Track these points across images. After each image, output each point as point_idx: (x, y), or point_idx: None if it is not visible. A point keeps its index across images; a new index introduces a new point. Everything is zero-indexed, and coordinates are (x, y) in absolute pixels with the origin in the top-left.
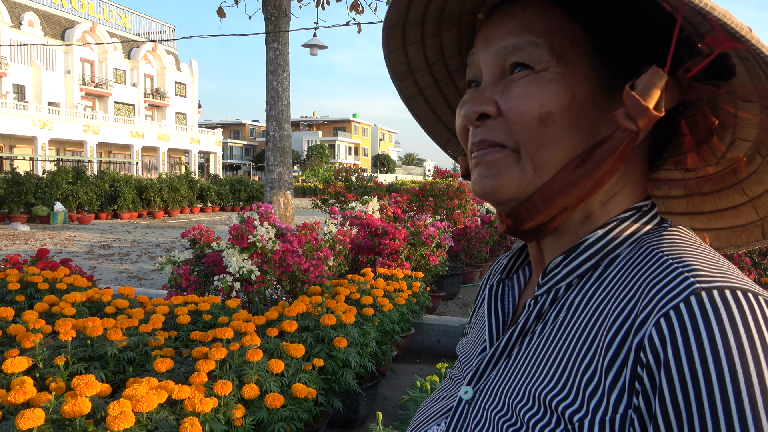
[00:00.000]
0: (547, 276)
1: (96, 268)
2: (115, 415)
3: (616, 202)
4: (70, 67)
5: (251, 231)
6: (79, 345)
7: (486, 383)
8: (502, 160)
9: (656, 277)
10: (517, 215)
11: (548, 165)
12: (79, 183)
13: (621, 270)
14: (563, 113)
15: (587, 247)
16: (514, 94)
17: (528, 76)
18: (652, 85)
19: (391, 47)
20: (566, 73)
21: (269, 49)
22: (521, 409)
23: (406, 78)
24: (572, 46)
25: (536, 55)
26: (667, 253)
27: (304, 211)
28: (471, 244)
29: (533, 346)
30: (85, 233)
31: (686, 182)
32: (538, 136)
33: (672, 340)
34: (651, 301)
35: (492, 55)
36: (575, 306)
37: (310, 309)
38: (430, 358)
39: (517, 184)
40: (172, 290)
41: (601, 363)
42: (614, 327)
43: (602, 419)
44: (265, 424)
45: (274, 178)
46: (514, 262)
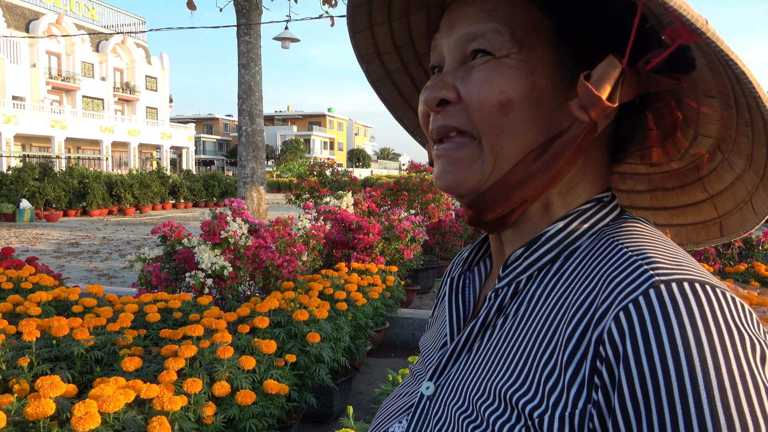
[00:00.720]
0: (507, 269)
1: (64, 267)
2: (80, 415)
3: (576, 194)
4: (35, 60)
5: (224, 227)
6: (44, 345)
7: (447, 379)
8: (463, 155)
9: (615, 269)
10: (478, 207)
11: (508, 155)
12: (46, 179)
13: (581, 262)
14: (523, 101)
15: (547, 239)
16: (474, 80)
17: (489, 62)
18: (606, 75)
19: (356, 27)
20: (527, 59)
21: (241, 43)
22: (482, 406)
23: (374, 60)
24: (535, 33)
25: (497, 41)
26: (626, 245)
27: (279, 206)
28: (445, 238)
29: (494, 341)
30: (53, 231)
31: (651, 177)
32: (498, 125)
33: (631, 334)
34: (610, 294)
35: (454, 41)
36: (535, 299)
37: (282, 305)
38: (404, 352)
39: (479, 177)
40: (142, 288)
41: (560, 357)
42: (574, 320)
43: (561, 415)
44: (236, 421)
45: (247, 174)
46: (475, 254)
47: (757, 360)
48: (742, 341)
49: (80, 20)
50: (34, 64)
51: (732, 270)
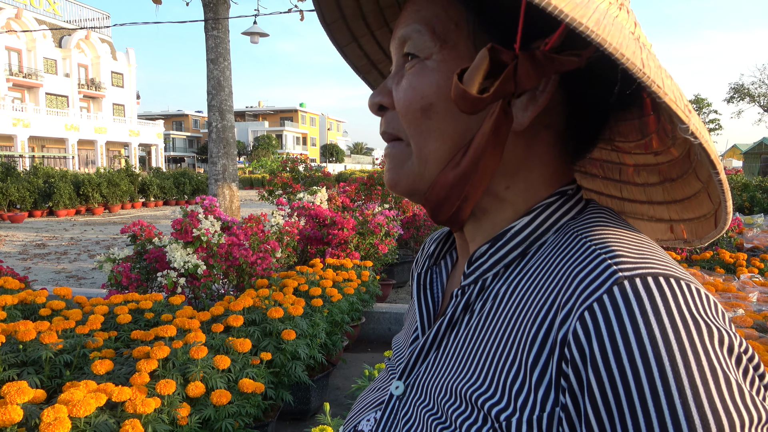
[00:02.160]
0: (473, 265)
1: (31, 269)
2: (49, 421)
3: (532, 187)
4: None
5: (196, 225)
6: (9, 350)
7: (416, 378)
8: (398, 155)
9: (578, 265)
10: (429, 206)
11: (436, 156)
12: (9, 179)
13: (546, 258)
14: (444, 103)
15: (513, 235)
16: (401, 87)
17: (414, 67)
18: (475, 68)
19: (341, 42)
20: (449, 59)
21: (209, 37)
22: (448, 407)
23: (370, 70)
24: (457, 29)
25: (420, 42)
26: (590, 239)
27: (251, 203)
28: (420, 232)
29: (459, 339)
30: (18, 232)
31: (660, 167)
32: (422, 129)
33: (597, 335)
34: (574, 292)
35: (393, 45)
36: (500, 297)
37: (257, 302)
38: (381, 346)
39: (412, 177)
40: (112, 289)
41: (525, 359)
42: (538, 320)
43: (530, 418)
44: (212, 421)
45: (218, 170)
46: (441, 248)
47: (724, 352)
48: (709, 334)
49: (41, 15)
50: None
51: (698, 258)
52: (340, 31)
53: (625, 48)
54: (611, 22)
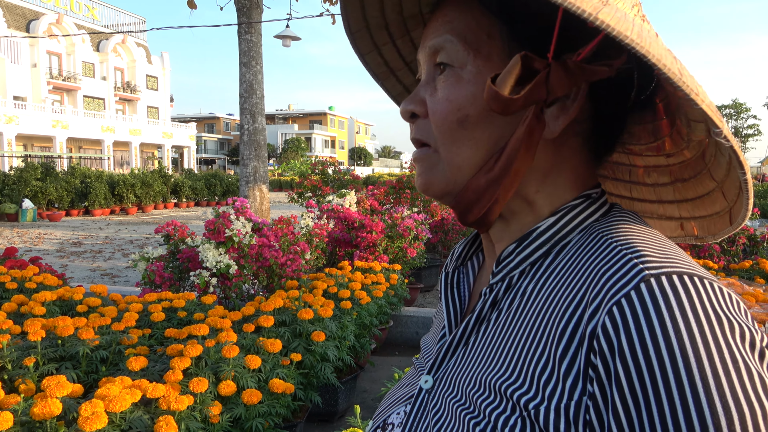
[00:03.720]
0: (500, 264)
1: (67, 266)
2: (87, 415)
3: (560, 191)
4: (36, 60)
5: (228, 225)
6: (49, 345)
7: (445, 372)
8: (428, 159)
9: (606, 263)
10: (459, 208)
11: (469, 163)
12: (48, 179)
13: (572, 257)
14: (479, 114)
15: (539, 235)
16: (437, 98)
17: (449, 79)
18: (508, 72)
19: (363, 50)
20: (484, 70)
21: (242, 41)
22: (477, 398)
23: (388, 77)
24: (489, 39)
25: (454, 52)
26: (615, 239)
27: (281, 205)
28: (448, 236)
29: (488, 335)
30: (56, 231)
31: (671, 168)
32: (456, 138)
33: (625, 328)
34: (602, 288)
35: (423, 54)
36: (528, 294)
37: (287, 303)
38: (408, 350)
39: (444, 181)
40: (146, 287)
41: (554, 351)
42: (566, 315)
43: (557, 406)
44: (242, 420)
45: (249, 172)
46: (468, 249)
47: (747, 346)
48: (731, 329)
49: (80, 20)
50: (35, 64)
51: (737, 267)
52: (363, 40)
53: (665, 59)
54: (648, 35)
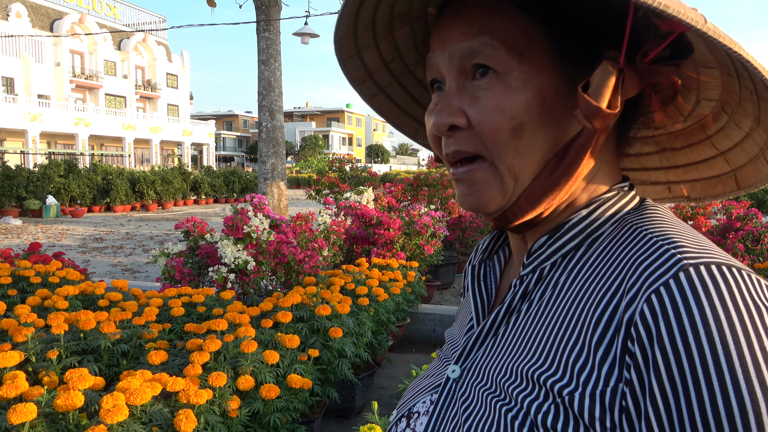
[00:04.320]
0: (531, 256)
1: (89, 262)
2: (109, 408)
3: (596, 184)
4: (59, 58)
5: (246, 222)
6: (71, 338)
7: (473, 362)
8: (481, 176)
9: (643, 254)
10: (505, 218)
11: (527, 172)
12: (71, 176)
13: (605, 249)
14: (535, 120)
15: (571, 227)
16: (484, 108)
17: (494, 86)
18: (603, 83)
19: (345, 55)
20: (532, 75)
21: (260, 39)
22: (509, 386)
23: (365, 80)
24: (531, 42)
25: (494, 56)
26: (650, 231)
27: (298, 202)
28: (466, 233)
29: (519, 325)
30: (78, 226)
31: (657, 138)
32: (513, 148)
33: (664, 316)
34: (639, 277)
35: (449, 58)
36: (560, 285)
37: (304, 300)
38: (425, 347)
39: (501, 195)
40: (166, 282)
41: (589, 338)
42: (602, 304)
43: (593, 392)
44: (260, 415)
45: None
46: (495, 243)
47: None
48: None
49: (102, 19)
50: (59, 63)
51: (761, 266)
52: (348, 45)
53: (743, 52)
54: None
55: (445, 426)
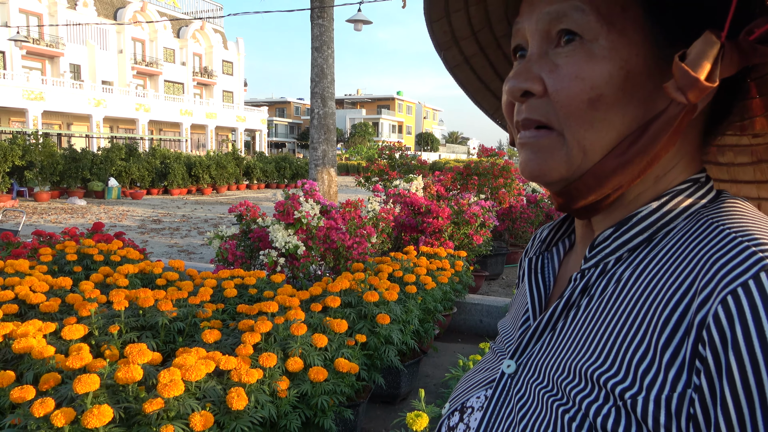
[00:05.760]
0: (595, 249)
1: (148, 242)
2: (166, 382)
3: (673, 176)
4: (122, 46)
5: (297, 207)
6: (131, 315)
7: (529, 357)
8: (547, 143)
9: (719, 251)
10: (569, 194)
11: (598, 146)
12: (131, 159)
13: (676, 244)
14: (616, 93)
15: (640, 220)
16: (562, 75)
17: (577, 53)
18: (703, 54)
19: (433, 17)
20: (619, 46)
21: (314, 26)
22: (566, 385)
23: (451, 47)
24: (623, 12)
25: (583, 21)
26: (728, 226)
27: (347, 189)
28: (516, 224)
29: (578, 321)
30: (138, 208)
31: (754, 148)
32: (587, 119)
33: (741, 319)
34: (714, 276)
35: (536, 21)
36: (625, 280)
37: (353, 285)
38: (472, 338)
39: (566, 166)
40: (219, 264)
41: (655, 340)
42: (671, 303)
43: (657, 397)
44: (308, 396)
45: (318, 156)
46: (554, 234)
47: None
48: None
49: (162, 8)
50: (121, 51)
51: None
52: (437, 6)
53: None
54: None
55: (500, 424)
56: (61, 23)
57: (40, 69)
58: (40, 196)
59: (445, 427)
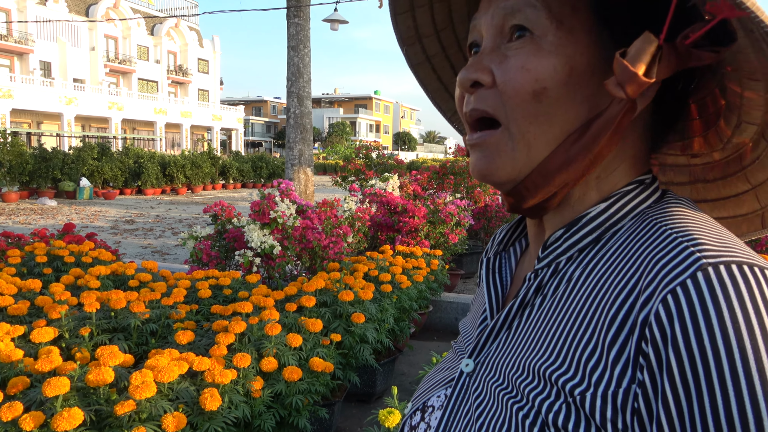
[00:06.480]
0: (547, 249)
1: (120, 243)
2: (137, 384)
3: (617, 177)
4: (94, 43)
5: (272, 207)
6: (103, 317)
7: (487, 356)
8: (493, 142)
9: (660, 251)
10: (518, 194)
11: (542, 141)
12: (104, 159)
13: (623, 244)
14: (560, 88)
15: (589, 221)
16: (510, 66)
17: (526, 47)
18: (642, 51)
19: (398, 9)
20: (566, 43)
21: (290, 25)
22: (520, 383)
23: (414, 43)
24: (573, 11)
25: (535, 18)
26: (670, 227)
27: (324, 188)
28: (491, 223)
29: (532, 320)
30: (110, 208)
31: (692, 168)
32: (531, 112)
33: (680, 317)
34: (656, 276)
35: (492, 16)
36: (575, 280)
37: (328, 285)
38: (447, 336)
39: (512, 163)
40: (194, 265)
41: (602, 337)
42: (617, 302)
43: (604, 392)
44: (283, 396)
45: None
46: (510, 235)
47: None
48: None
49: (136, 4)
50: (93, 48)
51: None
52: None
53: None
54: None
55: (458, 422)
56: (31, 19)
57: (8, 66)
58: (9, 197)
59: (407, 427)
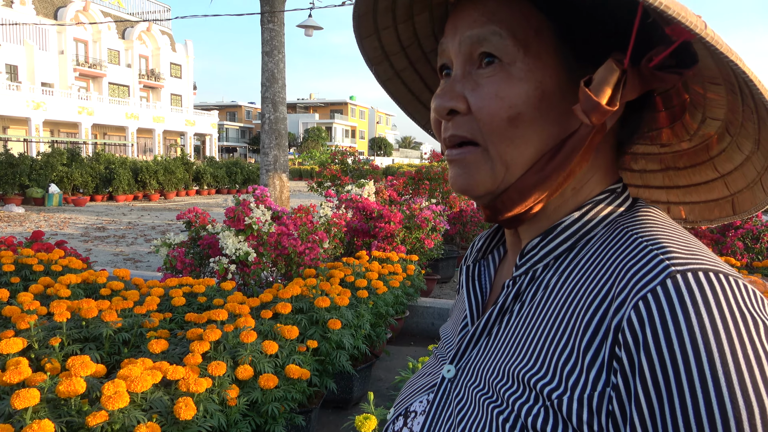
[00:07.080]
0: (524, 257)
1: (92, 251)
2: (110, 394)
3: (590, 187)
4: (63, 47)
5: (247, 213)
6: (74, 326)
7: (467, 362)
8: (473, 159)
9: (632, 259)
10: (495, 207)
11: (519, 162)
12: (74, 165)
13: (596, 252)
14: (532, 112)
15: (564, 229)
16: (483, 94)
17: (497, 74)
18: (605, 80)
19: (363, 34)
20: (535, 67)
21: (264, 30)
22: (500, 388)
23: (382, 62)
24: (537, 36)
25: (502, 45)
26: (640, 235)
27: (300, 194)
28: (466, 228)
29: (511, 326)
30: (81, 215)
31: (662, 156)
32: (507, 136)
33: (650, 323)
34: (628, 283)
35: (459, 44)
36: (551, 287)
37: (304, 291)
38: (424, 340)
39: (491, 180)
40: (167, 272)
41: (578, 343)
42: (591, 308)
43: (580, 396)
44: (259, 404)
45: (269, 161)
46: (489, 243)
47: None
48: (755, 326)
49: (106, 8)
50: (62, 51)
51: (760, 265)
52: (367, 23)
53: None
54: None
55: (440, 426)
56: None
57: None
58: None
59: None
